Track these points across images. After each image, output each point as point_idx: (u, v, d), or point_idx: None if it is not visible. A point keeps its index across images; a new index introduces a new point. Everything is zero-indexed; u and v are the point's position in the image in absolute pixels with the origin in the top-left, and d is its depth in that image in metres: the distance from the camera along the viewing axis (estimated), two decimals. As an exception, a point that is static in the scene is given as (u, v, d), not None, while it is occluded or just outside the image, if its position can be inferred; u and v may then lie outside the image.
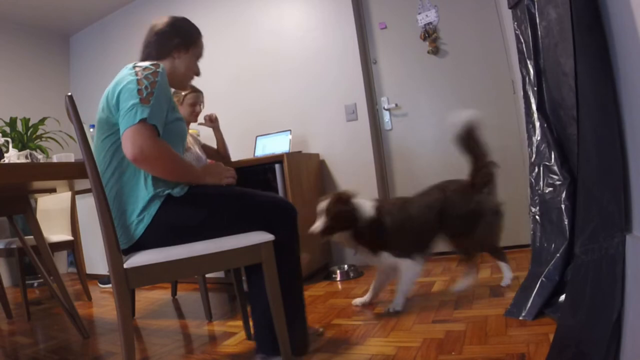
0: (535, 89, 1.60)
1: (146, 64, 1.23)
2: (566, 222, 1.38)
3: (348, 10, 2.89)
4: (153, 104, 1.15)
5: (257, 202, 1.32)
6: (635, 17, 0.80)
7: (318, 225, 1.70)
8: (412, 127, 2.87)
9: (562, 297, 1.34)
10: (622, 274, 0.90)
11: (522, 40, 1.68)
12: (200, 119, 2.42)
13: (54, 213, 2.88)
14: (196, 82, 1.60)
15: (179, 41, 1.38)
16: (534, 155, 1.59)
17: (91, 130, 1.98)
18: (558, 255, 1.39)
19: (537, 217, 1.58)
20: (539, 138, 1.57)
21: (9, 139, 2.20)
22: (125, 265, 1.08)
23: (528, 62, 1.65)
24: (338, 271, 2.56)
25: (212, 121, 2.48)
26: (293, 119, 3.06)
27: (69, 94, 1.16)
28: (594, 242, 1.02)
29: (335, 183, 2.95)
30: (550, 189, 1.49)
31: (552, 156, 1.48)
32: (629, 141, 0.92)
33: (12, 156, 1.85)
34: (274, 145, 2.92)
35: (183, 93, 2.23)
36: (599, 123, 1.01)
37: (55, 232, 2.80)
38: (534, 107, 1.61)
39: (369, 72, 2.96)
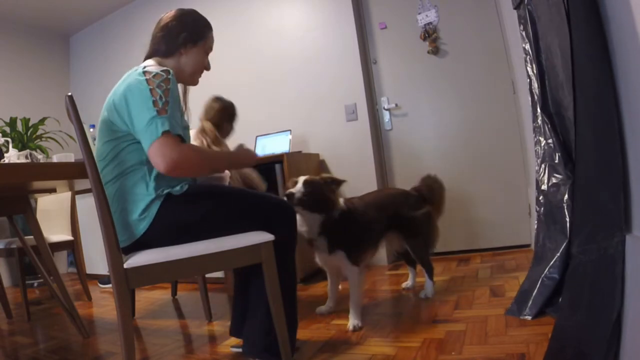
0: (539, 89, 1.60)
1: (156, 69, 1.20)
2: (567, 221, 1.38)
3: (348, 10, 2.89)
4: (170, 114, 1.14)
5: (256, 201, 1.32)
6: (635, 16, 0.80)
7: (298, 189, 1.53)
8: (412, 127, 2.87)
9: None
10: (621, 273, 0.90)
11: (527, 41, 1.68)
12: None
13: (54, 213, 2.88)
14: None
15: (185, 35, 1.35)
16: (540, 155, 1.60)
17: (91, 130, 1.97)
18: (558, 254, 1.39)
19: (541, 216, 1.58)
20: (544, 138, 1.57)
21: (9, 139, 2.20)
22: (125, 265, 1.08)
23: (532, 62, 1.65)
24: (338, 271, 2.55)
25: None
26: (293, 119, 3.06)
27: (69, 94, 1.16)
28: (592, 242, 1.02)
29: (335, 183, 2.94)
30: (554, 188, 1.49)
31: (556, 156, 1.48)
32: (629, 140, 0.92)
33: (12, 156, 1.85)
34: (274, 145, 2.92)
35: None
36: (598, 122, 1.00)
37: (55, 232, 2.80)
38: (538, 107, 1.61)
39: (369, 72, 2.96)
